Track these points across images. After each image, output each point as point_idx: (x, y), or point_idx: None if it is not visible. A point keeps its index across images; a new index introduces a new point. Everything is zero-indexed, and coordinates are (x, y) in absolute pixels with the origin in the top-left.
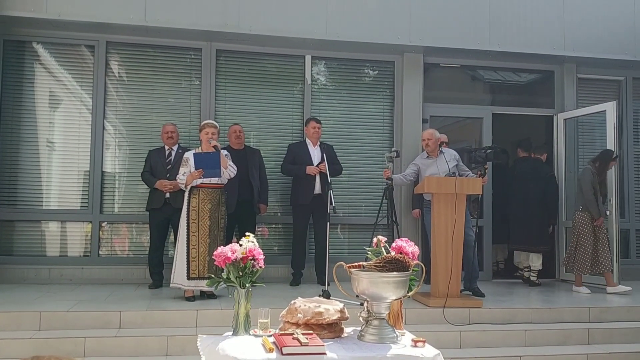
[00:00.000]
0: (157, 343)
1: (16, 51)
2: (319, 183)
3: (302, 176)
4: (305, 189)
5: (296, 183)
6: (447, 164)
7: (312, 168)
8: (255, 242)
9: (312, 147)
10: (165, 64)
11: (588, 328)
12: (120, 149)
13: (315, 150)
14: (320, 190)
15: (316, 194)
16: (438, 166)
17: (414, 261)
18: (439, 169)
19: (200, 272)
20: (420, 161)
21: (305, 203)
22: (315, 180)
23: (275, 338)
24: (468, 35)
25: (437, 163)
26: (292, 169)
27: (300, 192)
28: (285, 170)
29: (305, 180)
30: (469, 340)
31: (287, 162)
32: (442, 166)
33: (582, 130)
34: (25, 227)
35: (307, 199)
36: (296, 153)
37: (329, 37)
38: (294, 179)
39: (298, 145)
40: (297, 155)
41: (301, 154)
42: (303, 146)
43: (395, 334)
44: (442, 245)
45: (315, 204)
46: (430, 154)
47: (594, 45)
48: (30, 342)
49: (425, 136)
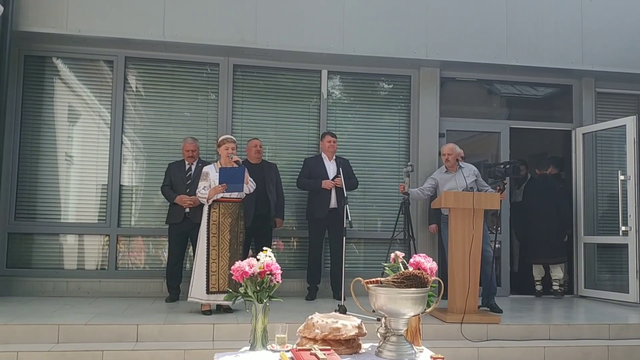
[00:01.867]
0: (174, 357)
1: (36, 66)
2: (335, 197)
3: (317, 190)
4: (321, 203)
5: (312, 197)
6: (465, 180)
7: (328, 182)
8: (273, 256)
9: (328, 161)
10: (182, 79)
11: (608, 345)
12: (137, 163)
13: (331, 165)
14: (335, 204)
15: (332, 208)
16: (457, 181)
17: (432, 277)
18: (457, 184)
19: (220, 286)
20: (438, 176)
21: (320, 217)
22: (330, 195)
23: (293, 353)
24: (485, 49)
25: (456, 178)
26: (308, 183)
27: (316, 206)
28: (301, 184)
29: (321, 194)
30: (487, 356)
31: (303, 177)
32: (461, 181)
33: (601, 145)
34: (44, 240)
35: (322, 213)
36: (312, 167)
37: (345, 51)
38: (310, 193)
39: (314, 160)
40: (313, 170)
41: (317, 168)
42: (319, 160)
43: (414, 351)
44: (459, 261)
45: (330, 218)
46: (450, 168)
47: (613, 59)
48: (48, 354)
49: (446, 151)
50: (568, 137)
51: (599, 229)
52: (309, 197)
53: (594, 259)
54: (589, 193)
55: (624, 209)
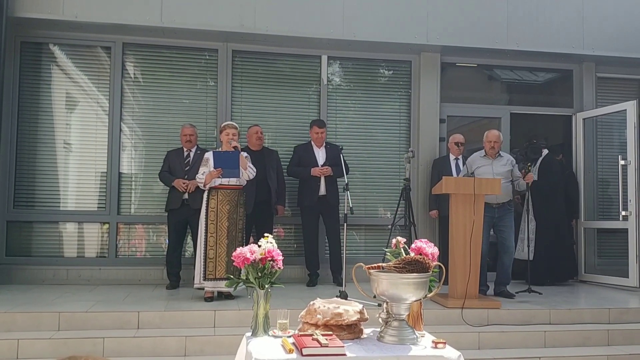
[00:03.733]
0: (176, 343)
1: (33, 53)
2: (324, 184)
3: (307, 178)
4: (310, 190)
5: (302, 185)
6: (502, 168)
7: (317, 170)
8: (274, 243)
9: (317, 149)
10: (181, 65)
11: (608, 329)
12: (136, 150)
13: (320, 152)
14: (325, 191)
15: (321, 195)
16: (493, 168)
17: (433, 262)
18: (493, 170)
19: (217, 273)
20: (473, 159)
21: (310, 204)
22: (320, 182)
23: (295, 339)
24: (486, 34)
25: (493, 165)
26: (297, 171)
27: (305, 194)
28: (291, 172)
29: (310, 181)
30: (488, 341)
31: (293, 164)
32: (497, 169)
33: (602, 130)
34: (43, 228)
35: (312, 200)
36: (301, 155)
37: (345, 37)
38: (300, 180)
39: (303, 147)
40: (302, 157)
41: (306, 155)
42: (308, 148)
43: (415, 335)
44: (460, 246)
45: (321, 205)
46: (490, 155)
47: (614, 43)
48: (49, 342)
49: (493, 138)
50: (568, 122)
51: (599, 214)
52: (299, 184)
53: (594, 244)
54: (589, 178)
55: (624, 193)
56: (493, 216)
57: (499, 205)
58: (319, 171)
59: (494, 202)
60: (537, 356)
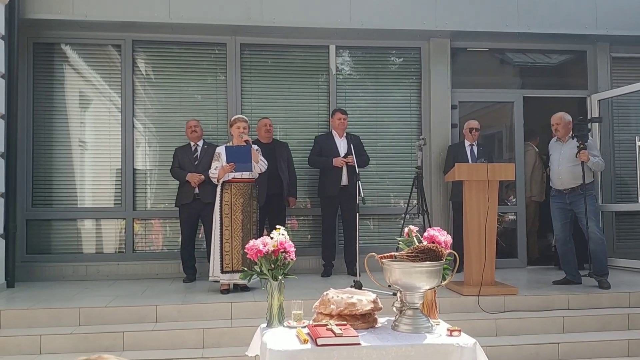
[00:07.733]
0: (194, 336)
1: (45, 53)
2: (346, 174)
3: (328, 168)
4: (332, 180)
5: (323, 175)
6: (569, 151)
7: (339, 160)
8: (286, 234)
9: (339, 139)
10: (190, 60)
11: (628, 313)
12: (150, 147)
13: (341, 142)
14: (347, 181)
15: (343, 185)
16: (561, 151)
17: (446, 250)
18: (560, 154)
19: (234, 265)
20: (551, 145)
21: (332, 195)
22: (342, 172)
23: (309, 329)
24: (496, 17)
25: (562, 148)
26: (318, 160)
27: (327, 184)
28: (312, 162)
29: (332, 172)
30: (505, 328)
31: (314, 154)
32: (565, 152)
33: (618, 111)
34: (62, 225)
35: (334, 190)
36: (323, 145)
37: (352, 25)
38: (321, 170)
39: (324, 137)
40: (323, 147)
41: (328, 145)
42: (329, 138)
43: (430, 324)
44: (475, 233)
45: (342, 195)
46: (561, 138)
47: (628, 22)
48: (70, 337)
49: (554, 120)
50: (583, 104)
51: (616, 197)
52: (320, 174)
53: (612, 227)
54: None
55: None
56: (565, 202)
57: (568, 190)
58: (341, 161)
59: (562, 188)
60: (556, 342)
